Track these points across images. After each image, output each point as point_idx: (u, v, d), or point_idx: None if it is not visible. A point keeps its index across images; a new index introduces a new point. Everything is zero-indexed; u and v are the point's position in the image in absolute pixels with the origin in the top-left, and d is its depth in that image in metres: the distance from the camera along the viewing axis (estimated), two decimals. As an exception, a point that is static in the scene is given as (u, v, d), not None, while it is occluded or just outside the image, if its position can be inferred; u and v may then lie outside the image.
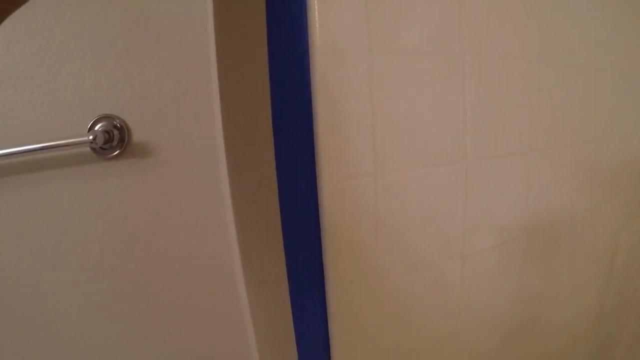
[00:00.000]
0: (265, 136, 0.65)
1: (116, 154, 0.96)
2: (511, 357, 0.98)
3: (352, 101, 0.65)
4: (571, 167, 0.98)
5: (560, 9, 0.89)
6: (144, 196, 0.99)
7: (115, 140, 0.95)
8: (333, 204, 0.65)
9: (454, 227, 0.78)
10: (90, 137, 0.90)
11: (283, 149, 0.65)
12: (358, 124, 0.65)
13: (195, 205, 0.98)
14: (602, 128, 1.07)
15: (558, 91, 0.92)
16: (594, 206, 1.07)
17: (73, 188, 0.97)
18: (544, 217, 0.93)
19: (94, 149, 0.95)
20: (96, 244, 1.00)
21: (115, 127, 0.96)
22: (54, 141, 0.91)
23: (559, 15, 0.89)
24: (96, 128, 0.95)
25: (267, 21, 0.64)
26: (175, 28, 0.95)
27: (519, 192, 0.87)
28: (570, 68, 0.94)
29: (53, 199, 0.97)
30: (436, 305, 0.80)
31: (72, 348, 1.04)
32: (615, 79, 1.09)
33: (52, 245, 0.98)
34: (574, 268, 1.06)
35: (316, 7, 0.62)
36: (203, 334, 1.05)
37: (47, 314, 1.01)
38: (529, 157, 0.86)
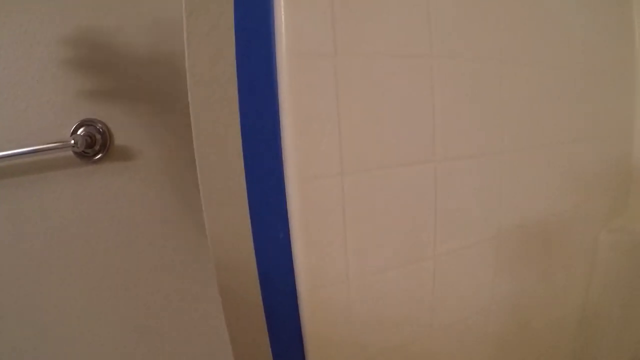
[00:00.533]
0: (234, 138, 0.67)
1: (99, 158, 0.98)
2: (491, 355, 0.99)
3: (318, 104, 0.66)
4: (548, 168, 0.99)
5: (533, 8, 0.91)
6: (127, 198, 1.01)
7: (97, 144, 0.97)
8: (300, 203, 0.67)
9: (425, 227, 0.79)
10: (72, 141, 0.92)
11: (251, 151, 0.67)
12: (324, 125, 0.66)
13: (176, 207, 1.00)
14: (582, 128, 1.08)
15: (533, 92, 0.93)
16: (572, 206, 1.08)
17: (57, 191, 0.99)
18: (519, 218, 0.94)
19: (76, 153, 0.97)
20: (80, 246, 1.01)
21: (97, 131, 0.97)
22: (36, 145, 0.93)
23: (532, 13, 0.90)
24: (79, 132, 0.97)
25: (235, 27, 0.66)
26: (155, 31, 0.97)
27: (492, 192, 0.88)
28: (547, 68, 0.95)
29: (37, 203, 0.99)
30: (408, 304, 0.81)
31: (56, 351, 1.05)
32: (594, 78, 1.10)
33: (38, 248, 0.99)
34: (553, 267, 1.06)
35: (282, 11, 0.64)
36: (185, 335, 1.06)
37: (33, 318, 1.02)
38: (501, 157, 0.87)
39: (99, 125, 0.98)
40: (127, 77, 0.99)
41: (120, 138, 0.99)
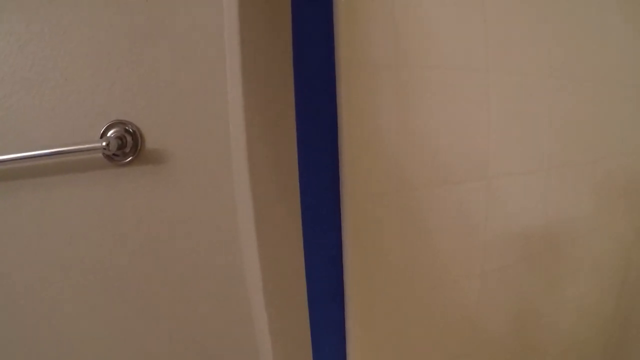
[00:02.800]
0: (289, 149, 0.64)
1: (129, 160, 0.95)
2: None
3: (377, 116, 0.64)
4: (588, 183, 0.98)
5: (582, 27, 0.89)
6: (157, 203, 0.98)
7: (128, 147, 0.94)
8: (356, 220, 0.64)
9: (474, 244, 0.77)
10: (104, 144, 0.88)
11: (307, 163, 0.64)
12: (383, 139, 0.64)
13: (208, 213, 0.97)
14: (618, 144, 1.06)
15: (576, 108, 0.92)
16: (607, 222, 1.06)
17: (85, 193, 0.96)
18: (559, 235, 0.93)
19: (106, 156, 0.93)
20: (107, 250, 0.98)
21: (128, 132, 0.94)
22: (65, 146, 0.90)
23: (580, 33, 0.89)
24: (109, 134, 0.93)
25: (292, 33, 0.63)
26: (190, 34, 0.93)
27: (538, 209, 0.86)
28: (587, 85, 0.94)
29: (64, 204, 0.96)
30: (453, 321, 0.79)
31: (82, 354, 1.03)
32: (627, 96, 1.08)
33: (64, 249, 0.96)
34: (591, 283, 1.05)
35: (343, 21, 0.61)
36: (213, 344, 1.04)
37: (58, 320, 0.99)
38: (548, 174, 0.86)
39: (130, 126, 0.94)
40: (160, 77, 0.96)
41: (151, 140, 0.96)
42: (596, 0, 0.95)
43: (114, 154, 0.93)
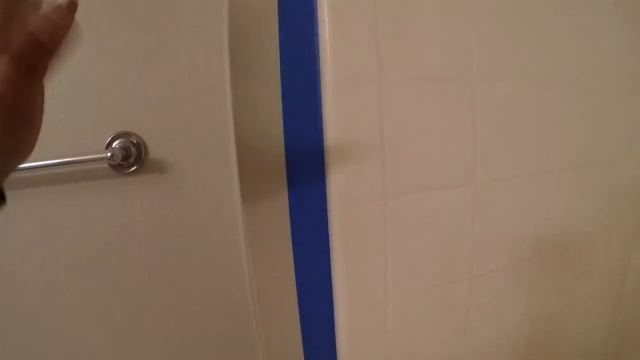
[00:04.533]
0: (278, 159, 0.67)
1: (133, 170, 0.99)
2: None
3: (361, 128, 0.67)
4: (580, 190, 0.99)
5: (570, 32, 0.90)
6: (160, 210, 1.02)
7: (132, 157, 0.98)
8: (343, 227, 0.67)
9: (462, 248, 0.79)
10: (109, 154, 0.92)
11: (295, 172, 0.67)
12: (367, 149, 0.67)
13: (211, 221, 1.00)
14: (612, 151, 1.07)
15: (567, 114, 0.93)
16: (603, 228, 1.07)
17: (91, 201, 1.00)
18: (553, 239, 0.94)
19: (111, 165, 0.98)
20: (113, 258, 1.02)
21: (132, 143, 0.98)
22: (71, 156, 0.94)
23: (568, 39, 0.90)
24: (114, 144, 0.98)
25: (279, 50, 0.67)
26: (191, 47, 0.97)
27: (528, 214, 0.87)
28: (580, 91, 0.95)
29: (71, 212, 1.00)
30: (442, 325, 0.81)
31: (89, 354, 1.06)
32: (624, 102, 1.09)
33: (71, 255, 1.00)
34: (584, 289, 1.06)
35: (327, 37, 0.64)
36: (216, 351, 1.07)
37: (64, 325, 1.03)
38: (537, 179, 0.87)
39: (134, 137, 0.99)
40: (163, 91, 1.00)
41: (154, 151, 1.00)
42: (593, 4, 0.96)
43: (119, 164, 0.97)
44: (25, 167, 0.94)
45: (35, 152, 0.95)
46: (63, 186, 1.00)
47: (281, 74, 0.66)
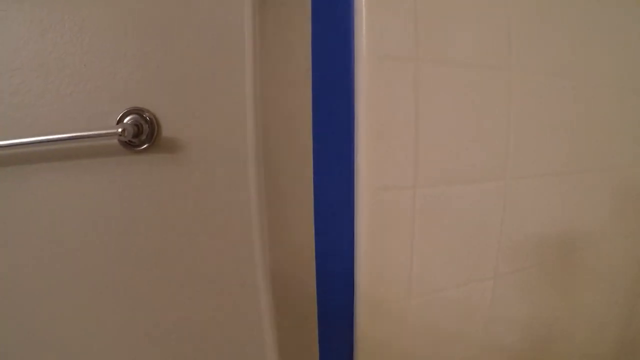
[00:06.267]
0: (305, 139, 0.63)
1: (144, 148, 0.95)
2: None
3: (396, 110, 0.63)
4: (607, 190, 0.95)
5: (610, 29, 0.86)
6: (170, 192, 0.98)
7: (144, 134, 0.94)
8: (369, 214, 0.63)
9: (489, 246, 0.75)
10: (119, 130, 0.88)
11: (322, 153, 0.63)
12: (401, 134, 0.63)
13: (221, 205, 0.96)
14: (637, 152, 1.03)
15: (600, 113, 0.89)
16: (625, 230, 1.03)
17: (100, 178, 0.96)
18: (578, 241, 0.90)
19: (122, 142, 0.94)
20: (120, 235, 0.98)
21: (145, 120, 0.94)
22: (82, 131, 0.91)
23: (607, 36, 0.86)
24: (125, 120, 0.94)
25: (312, 22, 0.63)
26: (211, 23, 0.93)
27: (554, 213, 0.84)
28: (616, 91, 0.91)
29: (79, 189, 0.97)
30: (464, 322, 0.77)
31: (89, 340, 1.03)
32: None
33: (76, 234, 0.97)
34: (605, 293, 1.02)
35: (364, 12, 0.60)
36: (220, 332, 1.03)
37: (68, 303, 1.00)
38: (567, 178, 0.83)
39: (147, 114, 0.95)
40: (179, 67, 0.96)
41: (168, 129, 0.96)
42: (624, 5, 0.93)
43: (129, 141, 0.93)
44: (32, 141, 0.90)
45: (43, 126, 0.91)
46: (71, 162, 0.96)
47: (313, 49, 0.62)
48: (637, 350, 1.16)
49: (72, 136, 0.90)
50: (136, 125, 0.92)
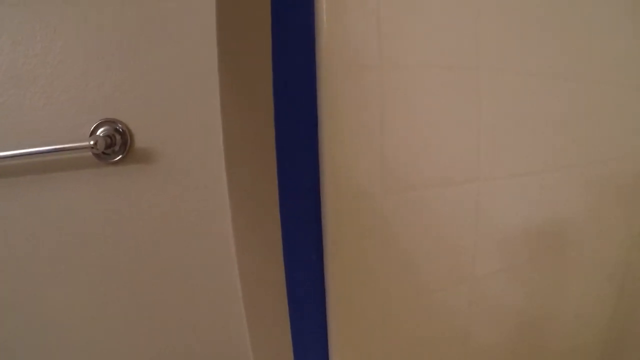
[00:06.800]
0: (268, 149, 0.62)
1: (118, 159, 0.94)
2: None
3: (360, 117, 0.62)
4: (585, 187, 0.95)
5: (578, 25, 0.85)
6: (146, 201, 0.97)
7: (117, 145, 0.93)
8: (338, 224, 0.62)
9: (465, 249, 0.74)
10: (92, 142, 0.87)
11: (286, 165, 0.62)
12: (366, 141, 0.62)
13: (197, 211, 0.95)
14: (617, 147, 1.02)
15: (572, 109, 0.88)
16: (607, 226, 1.03)
17: (74, 191, 0.95)
18: (555, 240, 0.90)
19: (95, 154, 0.93)
20: (97, 248, 0.98)
21: (117, 131, 0.93)
22: (55, 144, 0.90)
23: (576, 32, 0.85)
24: (98, 132, 0.93)
25: (272, 30, 0.61)
26: (180, 33, 0.92)
27: (530, 213, 0.83)
28: (585, 85, 0.90)
29: (54, 202, 0.96)
30: (442, 327, 0.77)
31: (71, 350, 1.02)
32: (628, 97, 1.04)
33: (53, 247, 0.96)
34: (588, 288, 1.02)
35: (325, 19, 0.59)
36: (202, 336, 1.03)
37: (47, 316, 0.99)
38: (541, 177, 0.83)
39: (119, 125, 0.93)
40: (150, 77, 0.94)
41: (141, 139, 0.95)
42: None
43: (102, 152, 0.92)
44: (3, 155, 0.89)
45: (14, 139, 0.90)
46: (45, 175, 0.96)
47: (274, 60, 0.60)
48: (622, 339, 1.16)
49: (43, 150, 0.90)
50: (109, 136, 0.91)
